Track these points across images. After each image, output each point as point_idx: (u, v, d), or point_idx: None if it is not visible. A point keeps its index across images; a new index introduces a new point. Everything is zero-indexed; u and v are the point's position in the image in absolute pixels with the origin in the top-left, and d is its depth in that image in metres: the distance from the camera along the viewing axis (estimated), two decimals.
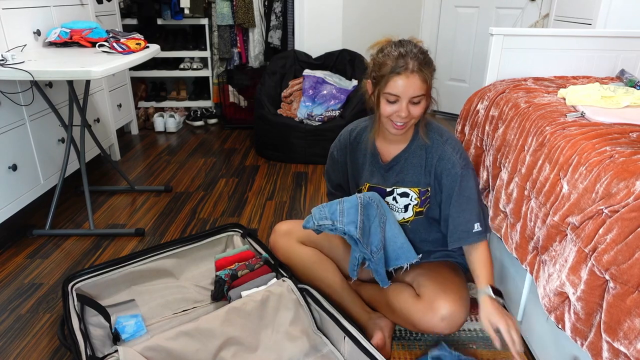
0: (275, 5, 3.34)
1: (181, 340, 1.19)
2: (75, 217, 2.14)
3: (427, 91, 1.18)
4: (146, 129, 3.56)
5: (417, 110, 1.19)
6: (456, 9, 3.53)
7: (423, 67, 1.15)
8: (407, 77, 1.14)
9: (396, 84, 1.15)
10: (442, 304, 1.23)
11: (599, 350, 0.86)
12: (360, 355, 1.17)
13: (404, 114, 1.17)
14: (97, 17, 2.66)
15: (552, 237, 1.04)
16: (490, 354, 1.33)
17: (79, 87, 2.30)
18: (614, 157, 0.96)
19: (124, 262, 1.53)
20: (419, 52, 1.16)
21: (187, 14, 3.36)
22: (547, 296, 1.03)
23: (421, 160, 1.31)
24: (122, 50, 1.94)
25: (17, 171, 1.90)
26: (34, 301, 1.57)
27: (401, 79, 1.14)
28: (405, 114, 1.17)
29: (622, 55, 1.77)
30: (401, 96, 1.16)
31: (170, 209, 2.24)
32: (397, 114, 1.19)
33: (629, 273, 0.80)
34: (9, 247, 1.90)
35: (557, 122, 1.22)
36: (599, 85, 1.44)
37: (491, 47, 1.73)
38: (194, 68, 3.64)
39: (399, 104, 1.17)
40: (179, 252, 1.63)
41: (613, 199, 0.88)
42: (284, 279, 1.40)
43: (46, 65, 1.68)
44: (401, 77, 1.14)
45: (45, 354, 1.35)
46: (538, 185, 1.14)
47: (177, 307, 1.47)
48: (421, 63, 1.15)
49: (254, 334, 1.28)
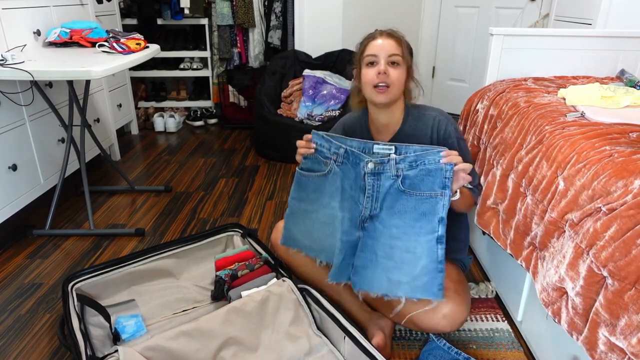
0: (275, 5, 3.35)
1: (181, 340, 1.19)
2: (75, 217, 2.14)
3: (402, 54, 1.26)
4: (146, 129, 3.56)
5: (395, 73, 1.25)
6: (456, 9, 3.53)
7: (395, 33, 1.29)
8: (381, 38, 1.27)
9: (371, 44, 1.27)
10: (443, 302, 1.24)
11: (594, 345, 0.87)
12: (361, 355, 1.17)
13: (382, 69, 1.24)
14: (97, 17, 2.66)
15: (551, 234, 1.05)
16: (491, 353, 1.33)
17: (79, 87, 2.30)
18: (614, 156, 0.97)
19: (124, 262, 1.53)
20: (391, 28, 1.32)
21: (187, 14, 3.36)
22: (545, 291, 1.03)
23: (417, 136, 1.34)
24: (122, 50, 1.94)
25: (17, 171, 1.90)
26: (34, 301, 1.57)
27: (375, 40, 1.27)
28: (384, 69, 1.24)
29: (622, 55, 1.77)
30: (378, 54, 1.25)
31: (170, 209, 2.24)
32: (377, 75, 1.24)
33: (626, 270, 0.80)
34: (8, 247, 1.90)
35: (556, 121, 1.22)
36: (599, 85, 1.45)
37: (491, 47, 1.73)
38: (194, 68, 3.64)
39: (378, 65, 1.25)
40: (179, 252, 1.63)
41: (611, 196, 0.88)
42: (284, 279, 1.40)
43: (46, 65, 1.68)
44: (375, 39, 1.27)
45: (45, 354, 1.35)
46: (535, 183, 1.15)
47: (177, 307, 1.47)
48: (393, 31, 1.29)
49: (254, 334, 1.28)
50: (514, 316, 1.43)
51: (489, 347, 1.35)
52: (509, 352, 1.33)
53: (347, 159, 1.26)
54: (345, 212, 1.26)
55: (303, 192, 1.35)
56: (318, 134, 1.28)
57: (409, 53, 1.30)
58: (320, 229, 1.34)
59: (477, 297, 1.56)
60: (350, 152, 1.25)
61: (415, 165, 1.20)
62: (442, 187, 1.18)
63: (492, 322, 1.46)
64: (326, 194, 1.31)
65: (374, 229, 1.26)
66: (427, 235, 1.20)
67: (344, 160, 1.26)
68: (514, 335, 1.40)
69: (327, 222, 1.31)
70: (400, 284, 1.22)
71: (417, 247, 1.21)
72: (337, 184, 1.28)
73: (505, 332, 1.41)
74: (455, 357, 1.28)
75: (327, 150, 1.28)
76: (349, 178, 1.26)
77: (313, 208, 1.34)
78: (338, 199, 1.28)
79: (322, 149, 1.28)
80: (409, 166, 1.21)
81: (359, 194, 1.26)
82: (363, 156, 1.23)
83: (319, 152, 1.29)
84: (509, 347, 1.35)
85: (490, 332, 1.41)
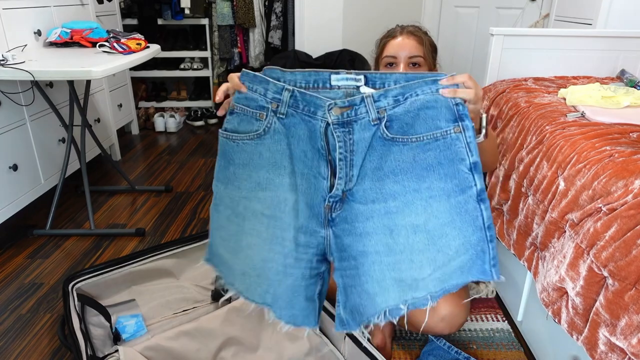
0: (276, 5, 3.35)
1: (181, 340, 1.19)
2: (75, 217, 2.14)
3: (424, 55, 1.17)
4: (146, 129, 3.56)
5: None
6: (456, 9, 3.53)
7: (417, 31, 1.19)
8: (401, 38, 1.17)
9: (391, 44, 1.18)
10: (441, 304, 1.23)
11: (594, 345, 0.86)
12: (361, 355, 1.17)
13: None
14: (97, 17, 2.66)
15: (551, 234, 1.05)
16: (491, 353, 1.33)
17: (80, 87, 2.30)
18: (614, 156, 0.97)
19: (124, 262, 1.53)
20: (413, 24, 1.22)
21: (187, 14, 3.36)
22: (545, 290, 1.03)
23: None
24: (122, 50, 1.94)
25: (18, 171, 1.90)
26: (34, 301, 1.57)
27: (395, 40, 1.17)
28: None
29: (623, 55, 1.77)
30: (397, 56, 1.17)
31: (170, 209, 2.24)
32: None
33: (627, 270, 0.80)
34: (9, 247, 1.90)
35: (557, 121, 1.22)
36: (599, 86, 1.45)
37: (491, 47, 1.73)
38: (195, 68, 3.64)
39: (397, 67, 1.18)
40: (179, 252, 1.63)
41: (611, 197, 0.88)
42: None
43: (47, 65, 1.68)
44: (396, 38, 1.17)
45: (45, 354, 1.35)
46: (535, 183, 1.15)
47: (178, 307, 1.47)
48: (415, 28, 1.19)
49: (254, 334, 1.28)
50: (514, 316, 1.43)
51: (489, 347, 1.35)
52: (509, 352, 1.33)
53: (295, 108, 0.83)
54: (300, 194, 0.84)
55: (229, 166, 0.89)
56: (249, 73, 0.85)
57: (431, 52, 1.21)
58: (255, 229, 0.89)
59: (477, 297, 1.56)
60: (299, 97, 0.82)
61: (404, 99, 0.80)
62: (453, 119, 0.80)
63: (492, 322, 1.46)
64: (264, 167, 0.87)
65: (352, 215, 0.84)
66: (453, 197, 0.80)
67: (290, 109, 0.83)
68: (514, 335, 1.40)
69: (266, 213, 0.88)
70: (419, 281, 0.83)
71: (432, 220, 0.81)
72: (280, 148, 0.85)
73: (506, 332, 1.41)
74: (456, 356, 1.28)
75: (262, 96, 0.84)
76: (299, 138, 0.84)
77: (243, 194, 0.89)
78: (286, 170, 0.85)
79: (256, 94, 0.85)
80: (394, 102, 0.80)
81: (319, 162, 0.83)
82: (320, 99, 0.80)
83: (249, 101, 0.85)
84: (509, 347, 1.35)
85: (491, 332, 1.41)
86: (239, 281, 0.91)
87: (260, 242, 0.88)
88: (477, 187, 0.79)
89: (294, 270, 0.86)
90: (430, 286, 0.83)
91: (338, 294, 0.88)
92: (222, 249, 0.93)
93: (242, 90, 0.85)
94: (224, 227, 0.91)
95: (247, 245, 0.89)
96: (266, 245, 0.87)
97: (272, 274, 0.88)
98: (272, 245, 0.87)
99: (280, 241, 0.87)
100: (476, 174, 0.79)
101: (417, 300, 0.84)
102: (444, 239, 0.81)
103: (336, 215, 0.84)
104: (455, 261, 0.82)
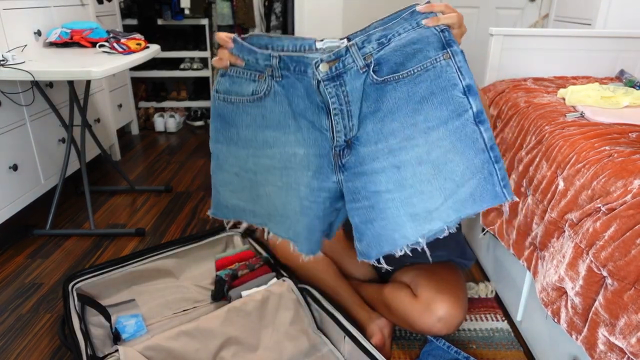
0: (276, 6, 3.35)
1: (181, 340, 1.19)
2: (75, 217, 2.15)
3: None
4: (146, 129, 3.56)
5: None
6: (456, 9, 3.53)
7: None
8: None
9: None
10: (439, 304, 1.23)
11: (593, 345, 0.87)
12: (361, 355, 1.17)
13: None
14: (97, 17, 2.66)
15: (551, 234, 1.05)
16: (491, 353, 1.33)
17: (80, 87, 2.30)
18: (613, 156, 0.97)
19: (124, 262, 1.53)
20: None
21: (187, 14, 3.37)
22: (545, 290, 1.03)
23: None
24: (122, 50, 1.94)
25: (18, 171, 1.90)
26: (34, 301, 1.57)
27: None
28: None
29: (622, 56, 1.77)
30: None
31: (170, 209, 2.24)
32: None
33: (626, 270, 0.80)
34: (9, 247, 1.90)
35: (556, 121, 1.22)
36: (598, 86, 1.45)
37: (491, 48, 1.74)
38: (194, 68, 3.64)
39: None
40: (179, 252, 1.63)
41: (610, 196, 0.89)
42: (284, 279, 1.41)
43: (47, 65, 1.68)
44: None
45: (46, 354, 1.35)
46: (535, 183, 1.15)
47: (178, 307, 1.47)
48: None
49: (254, 334, 1.28)
50: (514, 316, 1.43)
51: (488, 347, 1.35)
52: (509, 352, 1.34)
53: (287, 70, 0.86)
54: (309, 147, 0.89)
55: (230, 128, 0.93)
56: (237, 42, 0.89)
57: None
58: (269, 180, 0.94)
59: (477, 297, 1.57)
60: (287, 59, 0.85)
61: (387, 41, 0.82)
62: (441, 46, 0.81)
63: (492, 322, 1.46)
64: (269, 127, 0.90)
65: (359, 159, 0.88)
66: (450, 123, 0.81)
67: (283, 71, 0.86)
68: (513, 335, 1.40)
69: (277, 166, 0.92)
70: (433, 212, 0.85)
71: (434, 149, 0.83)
72: (283, 109, 0.89)
73: (505, 332, 1.41)
74: (455, 356, 1.28)
75: (255, 62, 0.88)
76: (298, 96, 0.87)
77: (250, 152, 0.93)
78: (291, 129, 0.89)
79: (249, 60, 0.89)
80: (379, 45, 0.82)
81: (321, 116, 0.86)
82: (307, 58, 0.83)
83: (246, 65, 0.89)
84: (508, 346, 1.36)
85: (490, 332, 1.42)
86: (267, 220, 0.99)
87: (276, 189, 0.94)
88: (474, 110, 0.80)
89: (310, 211, 0.91)
90: (444, 216, 0.85)
91: (355, 231, 0.91)
92: (236, 200, 0.99)
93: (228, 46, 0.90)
94: (233, 183, 0.97)
95: (265, 193, 0.95)
96: (282, 192, 0.93)
97: (291, 214, 0.94)
98: (288, 191, 0.92)
99: (295, 187, 0.91)
100: (471, 96, 0.80)
101: (434, 231, 0.86)
102: (449, 164, 0.82)
103: (346, 161, 0.88)
104: (464, 187, 0.82)
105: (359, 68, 0.82)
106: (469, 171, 0.82)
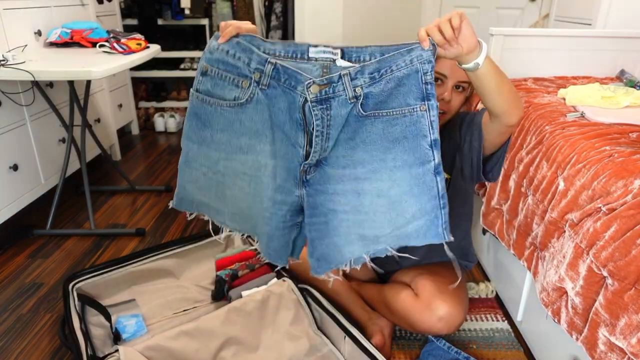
0: (276, 6, 3.35)
1: (181, 340, 1.19)
2: (75, 217, 2.15)
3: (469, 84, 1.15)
4: (147, 129, 3.56)
5: (458, 99, 1.16)
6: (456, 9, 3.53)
7: None
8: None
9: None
10: (439, 304, 1.23)
11: (594, 345, 0.87)
12: (361, 355, 1.17)
13: (447, 96, 1.13)
14: (97, 17, 2.66)
15: (551, 234, 1.05)
16: (491, 353, 1.33)
17: (80, 87, 2.30)
18: (613, 156, 0.97)
19: (124, 262, 1.53)
20: None
21: (187, 14, 3.37)
22: (545, 290, 1.03)
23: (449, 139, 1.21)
24: (122, 50, 1.94)
25: (18, 171, 1.90)
26: (34, 301, 1.57)
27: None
28: (449, 97, 1.14)
29: (622, 56, 1.77)
30: (448, 76, 1.14)
31: (170, 209, 2.24)
32: (440, 96, 1.13)
33: (626, 270, 0.80)
34: (9, 247, 1.90)
35: (556, 121, 1.22)
36: (599, 86, 1.45)
37: (491, 48, 1.74)
38: (194, 68, 3.64)
39: (444, 85, 1.15)
40: (179, 252, 1.63)
41: (611, 197, 0.89)
42: (285, 279, 1.41)
43: (47, 65, 1.68)
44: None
45: (46, 354, 1.35)
46: (535, 183, 1.15)
47: (178, 306, 1.47)
48: None
49: (254, 334, 1.28)
50: (514, 316, 1.43)
51: (489, 347, 1.35)
52: (509, 352, 1.33)
53: (277, 80, 0.87)
54: (279, 160, 0.91)
55: (205, 129, 0.95)
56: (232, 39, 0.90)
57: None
58: (237, 184, 0.97)
59: (477, 297, 1.57)
60: (281, 70, 0.86)
61: (379, 77, 0.84)
62: (421, 97, 0.85)
63: (492, 322, 1.46)
64: (245, 134, 0.93)
65: (324, 177, 0.92)
66: (413, 168, 0.88)
67: (272, 80, 0.87)
68: (514, 335, 1.40)
69: (248, 172, 0.95)
70: (380, 237, 0.92)
71: (394, 187, 0.89)
72: (263, 118, 0.90)
73: (505, 332, 1.41)
74: (455, 356, 1.28)
75: (245, 65, 0.88)
76: (279, 109, 0.89)
77: (222, 155, 0.96)
78: (267, 139, 0.92)
79: (239, 62, 0.88)
80: (371, 80, 0.85)
81: (297, 132, 0.88)
82: (301, 75, 0.85)
83: (230, 67, 0.89)
84: (509, 347, 1.35)
85: (490, 332, 1.42)
86: (229, 220, 1.03)
87: (243, 195, 0.98)
88: (435, 162, 0.87)
89: (271, 222, 0.96)
90: (389, 241, 0.93)
91: (308, 246, 0.97)
92: (201, 197, 1.03)
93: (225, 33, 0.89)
94: (199, 181, 1.01)
95: (232, 195, 0.99)
96: (249, 198, 0.97)
97: (255, 217, 0.99)
98: (254, 198, 0.97)
99: (259, 197, 0.96)
100: (435, 150, 0.87)
101: (378, 251, 0.94)
102: (404, 204, 0.90)
103: (310, 177, 0.93)
104: (412, 224, 0.91)
105: (347, 98, 0.86)
106: (420, 213, 0.90)
